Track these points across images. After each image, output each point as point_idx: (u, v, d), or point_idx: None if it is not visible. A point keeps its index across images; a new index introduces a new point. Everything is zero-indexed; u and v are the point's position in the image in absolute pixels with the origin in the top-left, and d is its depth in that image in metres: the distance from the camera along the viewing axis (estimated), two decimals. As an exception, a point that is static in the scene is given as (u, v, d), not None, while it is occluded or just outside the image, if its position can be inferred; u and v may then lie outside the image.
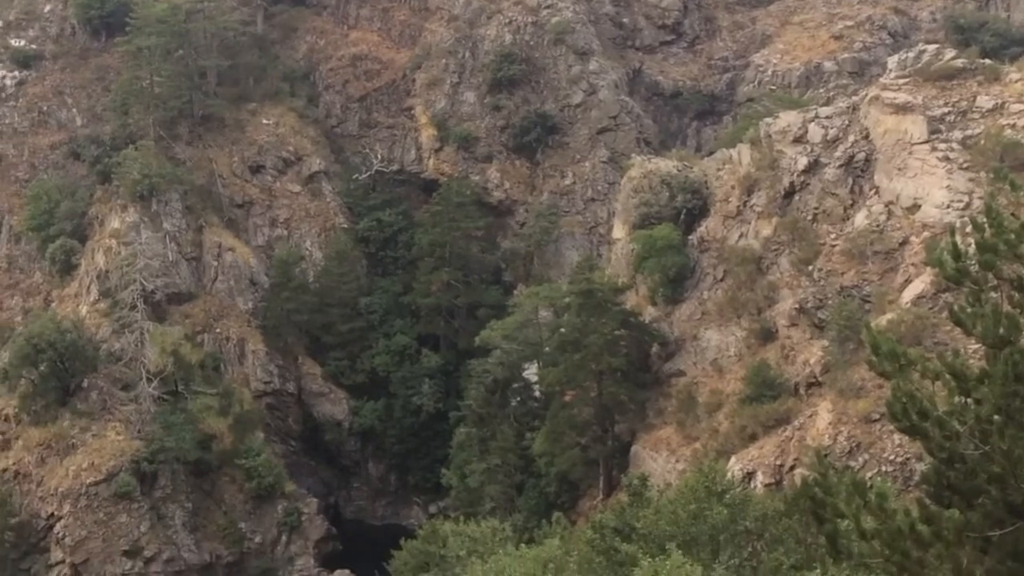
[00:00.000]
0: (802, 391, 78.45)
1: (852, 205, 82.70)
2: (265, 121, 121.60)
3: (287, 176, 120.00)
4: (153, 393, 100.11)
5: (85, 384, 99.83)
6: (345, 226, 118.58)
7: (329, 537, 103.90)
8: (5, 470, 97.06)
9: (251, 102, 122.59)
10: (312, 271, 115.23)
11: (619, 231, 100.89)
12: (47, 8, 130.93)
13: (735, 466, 72.95)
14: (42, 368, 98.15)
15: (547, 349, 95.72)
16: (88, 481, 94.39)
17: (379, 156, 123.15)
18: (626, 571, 34.54)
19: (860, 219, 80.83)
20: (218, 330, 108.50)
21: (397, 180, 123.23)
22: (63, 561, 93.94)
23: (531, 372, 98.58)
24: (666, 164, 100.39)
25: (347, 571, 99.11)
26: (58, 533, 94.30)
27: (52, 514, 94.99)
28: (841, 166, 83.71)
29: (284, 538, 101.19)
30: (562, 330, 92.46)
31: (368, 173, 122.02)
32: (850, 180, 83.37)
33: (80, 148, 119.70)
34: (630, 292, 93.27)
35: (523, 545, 54.45)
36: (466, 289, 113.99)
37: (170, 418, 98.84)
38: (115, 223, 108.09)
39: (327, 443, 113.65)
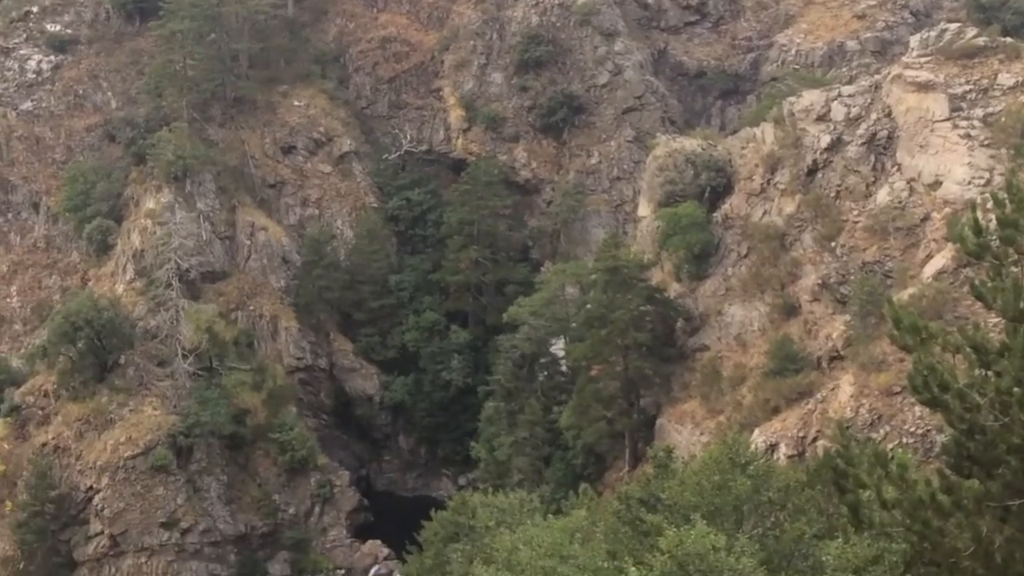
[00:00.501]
0: (824, 365, 78.33)
1: (874, 182, 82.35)
2: (296, 103, 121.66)
3: (318, 157, 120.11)
4: (188, 369, 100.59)
5: (122, 361, 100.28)
6: (375, 205, 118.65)
7: (361, 508, 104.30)
8: (45, 444, 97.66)
9: (282, 84, 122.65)
10: (343, 249, 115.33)
11: (644, 209, 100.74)
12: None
13: (758, 438, 72.91)
14: (80, 345, 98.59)
15: (574, 325, 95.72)
16: (126, 455, 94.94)
17: (408, 136, 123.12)
18: (651, 541, 34.54)
19: (882, 196, 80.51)
20: (251, 307, 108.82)
21: (426, 160, 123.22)
22: (102, 532, 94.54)
23: (558, 347, 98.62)
24: (691, 143, 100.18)
25: (378, 541, 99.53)
26: (97, 505, 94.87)
27: (91, 487, 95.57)
28: (863, 144, 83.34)
29: (317, 509, 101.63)
30: (588, 306, 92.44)
31: (397, 153, 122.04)
32: (872, 158, 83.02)
33: (115, 130, 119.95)
34: (655, 269, 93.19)
35: (550, 516, 54.51)
36: (494, 266, 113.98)
37: (205, 393, 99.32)
38: (150, 203, 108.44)
39: (358, 417, 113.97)
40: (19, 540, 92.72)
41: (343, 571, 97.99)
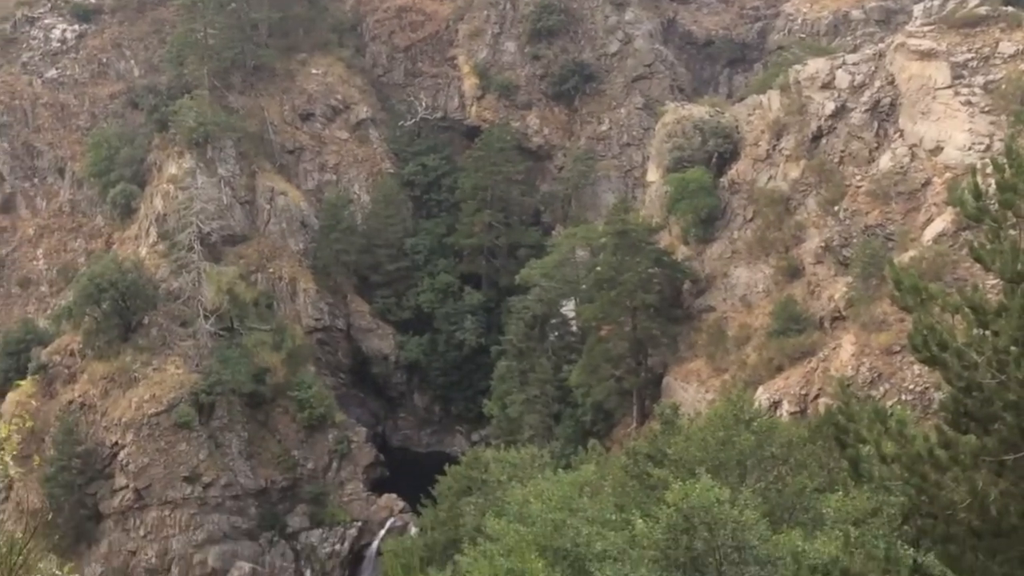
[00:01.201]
0: (827, 325, 78.38)
1: (877, 148, 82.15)
2: (314, 71, 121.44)
3: (336, 123, 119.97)
4: (210, 329, 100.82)
5: (146, 321, 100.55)
6: (391, 171, 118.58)
7: (377, 463, 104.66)
8: (71, 402, 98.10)
9: (301, 53, 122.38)
10: (360, 214, 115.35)
11: (653, 174, 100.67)
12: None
13: (762, 396, 73.10)
14: (105, 306, 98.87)
15: (584, 286, 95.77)
16: (149, 412, 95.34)
17: (424, 104, 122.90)
18: (658, 494, 34.69)
19: (885, 161, 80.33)
20: (271, 270, 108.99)
21: (441, 127, 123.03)
22: (127, 486, 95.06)
23: (568, 308, 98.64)
24: (698, 110, 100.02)
25: (394, 495, 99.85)
26: (122, 460, 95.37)
27: (116, 443, 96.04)
28: (867, 111, 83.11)
29: (335, 464, 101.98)
30: (598, 268, 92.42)
31: (413, 120, 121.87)
32: (875, 124, 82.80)
33: (138, 98, 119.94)
34: (663, 232, 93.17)
35: (560, 470, 54.68)
36: (507, 230, 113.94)
37: (226, 353, 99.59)
38: (172, 169, 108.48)
39: (375, 376, 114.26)
40: (47, 493, 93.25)
41: (360, 523, 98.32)
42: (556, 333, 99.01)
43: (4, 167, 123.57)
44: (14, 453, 12.31)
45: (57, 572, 11.19)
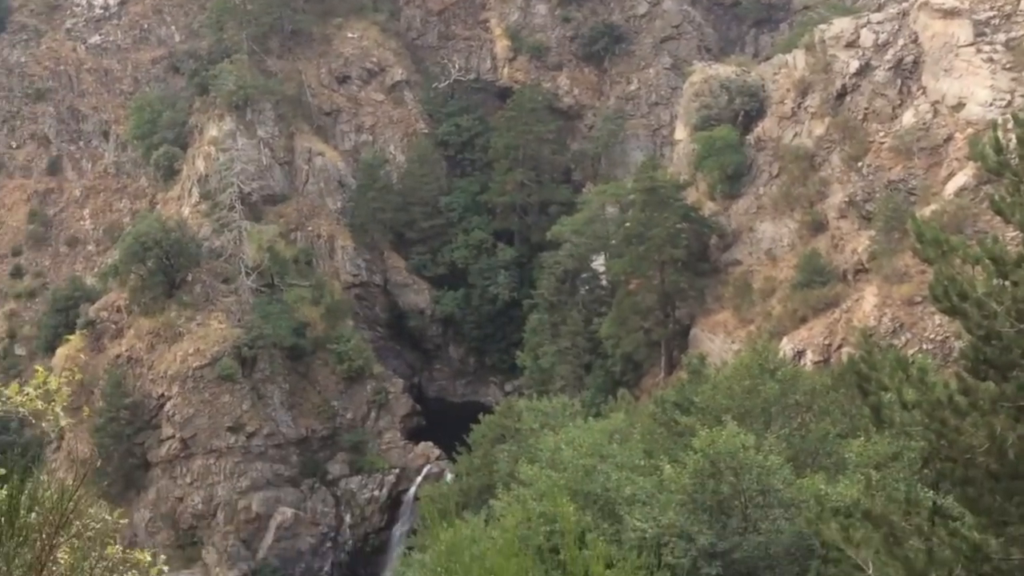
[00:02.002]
0: (850, 277, 78.18)
1: (900, 105, 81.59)
2: (350, 35, 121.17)
3: (371, 86, 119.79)
4: (251, 286, 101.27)
5: (189, 278, 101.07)
6: (426, 131, 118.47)
7: (413, 413, 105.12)
8: (119, 356, 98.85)
9: (337, 17, 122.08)
10: (396, 173, 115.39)
11: (681, 132, 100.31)
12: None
13: (786, 346, 73.02)
14: (150, 264, 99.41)
15: (613, 242, 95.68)
16: (194, 365, 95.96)
17: (457, 66, 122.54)
18: (685, 440, 34.82)
19: (907, 118, 79.79)
20: (310, 228, 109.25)
21: (474, 88, 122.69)
22: (173, 436, 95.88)
23: (598, 263, 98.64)
24: (725, 70, 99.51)
25: (430, 443, 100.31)
26: (168, 411, 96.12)
27: (162, 394, 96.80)
28: (890, 68, 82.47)
29: (373, 414, 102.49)
30: (627, 224, 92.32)
31: (447, 82, 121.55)
32: (899, 82, 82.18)
33: (179, 62, 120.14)
34: (691, 189, 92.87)
35: (591, 419, 54.84)
36: (538, 188, 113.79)
37: (267, 308, 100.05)
38: (213, 131, 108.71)
39: (411, 329, 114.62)
40: (97, 443, 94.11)
41: (397, 470, 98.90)
42: (586, 287, 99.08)
43: (50, 131, 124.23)
44: (65, 405, 12.46)
45: (107, 517, 11.33)
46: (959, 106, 77.09)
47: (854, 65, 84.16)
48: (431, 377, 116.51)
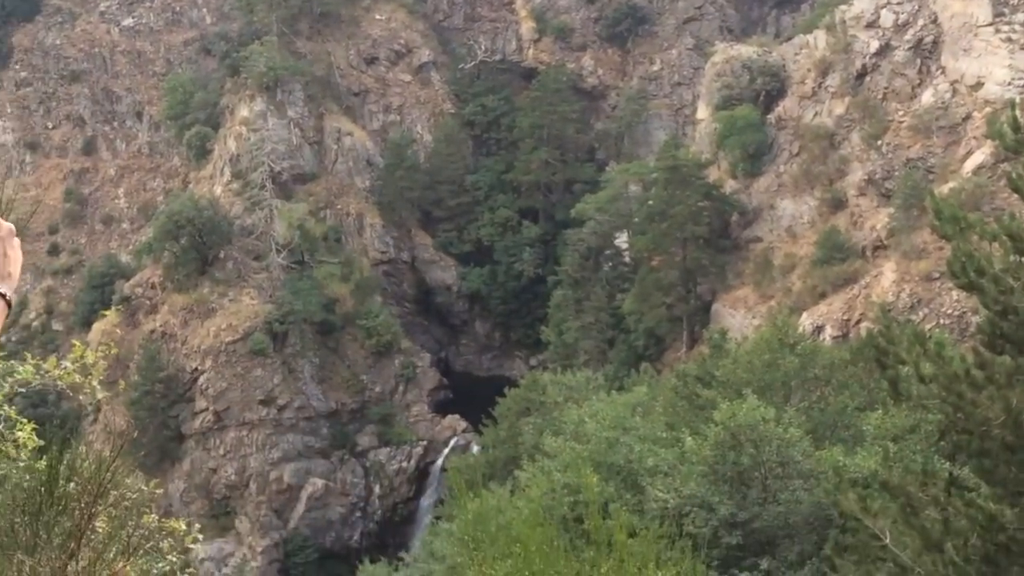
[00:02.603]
0: (868, 254, 78.01)
1: (919, 84, 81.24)
2: (378, 16, 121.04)
3: (399, 67, 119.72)
4: (282, 263, 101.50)
5: (221, 255, 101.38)
6: (452, 111, 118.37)
7: (441, 387, 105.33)
8: (153, 331, 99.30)
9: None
10: (423, 152, 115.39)
11: (703, 112, 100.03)
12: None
13: (806, 321, 72.93)
14: (183, 242, 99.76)
15: (636, 219, 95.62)
16: (227, 340, 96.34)
17: (483, 47, 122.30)
18: (706, 413, 34.83)
19: (926, 97, 79.44)
20: (339, 206, 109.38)
21: (499, 69, 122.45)
22: (207, 409, 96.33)
23: (622, 240, 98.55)
24: (747, 50, 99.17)
25: (457, 416, 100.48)
26: (202, 385, 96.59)
27: (196, 368, 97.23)
28: (910, 48, 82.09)
29: (401, 388, 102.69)
30: (650, 202, 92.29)
31: (473, 63, 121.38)
32: (918, 61, 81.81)
33: (210, 44, 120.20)
34: (712, 167, 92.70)
35: (614, 392, 54.97)
36: (563, 167, 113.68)
37: (298, 284, 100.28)
38: (244, 112, 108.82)
39: (438, 305, 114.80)
40: (132, 416, 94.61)
41: (425, 442, 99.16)
42: (610, 264, 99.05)
43: (86, 112, 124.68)
44: (101, 378, 12.56)
45: (143, 487, 11.44)
46: (977, 85, 76.69)
47: (874, 45, 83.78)
48: (458, 351, 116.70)
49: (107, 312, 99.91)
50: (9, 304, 3.73)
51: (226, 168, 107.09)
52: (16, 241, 3.88)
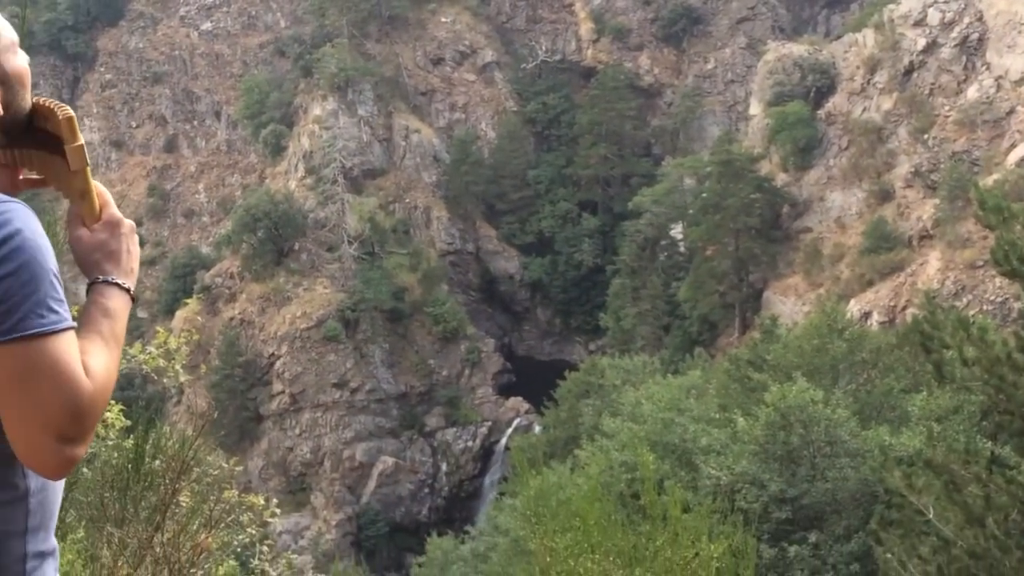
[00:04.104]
0: (915, 243, 77.35)
1: (965, 80, 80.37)
2: (443, 19, 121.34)
3: (464, 67, 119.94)
4: (353, 254, 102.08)
5: (296, 247, 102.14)
6: (515, 109, 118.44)
7: (504, 370, 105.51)
8: (232, 318, 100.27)
9: (431, 3, 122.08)
10: (487, 149, 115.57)
11: (755, 108, 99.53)
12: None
13: (854, 307, 72.44)
14: (260, 234, 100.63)
15: (691, 211, 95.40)
16: (302, 327, 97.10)
17: (544, 48, 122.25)
18: (757, 396, 34.79)
19: (972, 92, 78.57)
20: (407, 200, 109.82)
21: (559, 68, 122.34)
22: (283, 392, 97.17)
23: (677, 231, 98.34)
24: (798, 48, 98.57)
25: (520, 398, 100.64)
26: (278, 369, 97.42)
27: (272, 354, 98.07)
28: (956, 46, 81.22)
29: (466, 371, 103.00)
30: (704, 195, 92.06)
31: (534, 63, 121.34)
32: (964, 58, 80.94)
33: (284, 47, 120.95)
34: (764, 161, 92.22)
35: (669, 375, 54.99)
36: (620, 161, 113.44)
37: (368, 274, 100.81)
38: (317, 111, 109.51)
39: (501, 293, 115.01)
40: (213, 398, 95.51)
41: (489, 423, 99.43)
42: (665, 253, 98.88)
43: (167, 111, 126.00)
44: (184, 363, 12.81)
45: (224, 464, 11.72)
46: (1021, 81, 75.81)
47: (921, 43, 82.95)
48: (520, 337, 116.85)
49: (189, 300, 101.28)
50: (134, 299, 3.93)
51: (300, 164, 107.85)
52: (136, 238, 4.08)
